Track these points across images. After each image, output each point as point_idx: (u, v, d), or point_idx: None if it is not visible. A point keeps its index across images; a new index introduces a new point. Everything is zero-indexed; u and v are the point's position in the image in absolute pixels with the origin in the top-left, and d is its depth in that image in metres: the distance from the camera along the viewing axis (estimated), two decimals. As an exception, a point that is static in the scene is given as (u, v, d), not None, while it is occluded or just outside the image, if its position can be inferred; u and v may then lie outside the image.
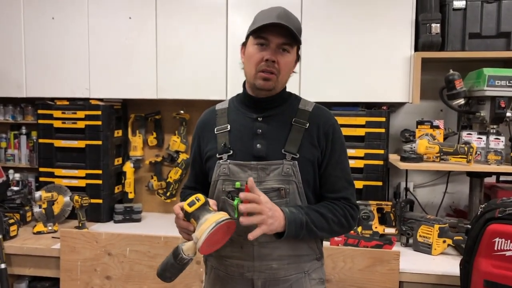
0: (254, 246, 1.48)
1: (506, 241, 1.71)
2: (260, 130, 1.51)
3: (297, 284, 1.52)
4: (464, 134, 2.48)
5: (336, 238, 2.32)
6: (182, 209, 1.38)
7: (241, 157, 1.49)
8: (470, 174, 2.56)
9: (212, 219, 1.32)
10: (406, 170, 2.80)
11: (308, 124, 1.51)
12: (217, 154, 1.52)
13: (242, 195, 1.33)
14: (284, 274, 1.50)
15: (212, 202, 1.42)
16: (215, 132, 1.56)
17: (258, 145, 1.49)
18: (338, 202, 1.51)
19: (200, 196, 1.37)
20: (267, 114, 1.53)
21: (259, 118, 1.53)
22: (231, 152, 1.50)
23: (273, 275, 1.49)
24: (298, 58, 1.54)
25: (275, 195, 1.46)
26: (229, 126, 1.55)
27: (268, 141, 1.50)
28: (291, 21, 1.44)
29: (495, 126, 2.41)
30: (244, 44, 1.53)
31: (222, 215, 1.34)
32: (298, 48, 1.52)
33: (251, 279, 1.50)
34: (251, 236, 1.31)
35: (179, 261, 1.36)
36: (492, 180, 2.73)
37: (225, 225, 1.32)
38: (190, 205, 1.35)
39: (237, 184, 1.44)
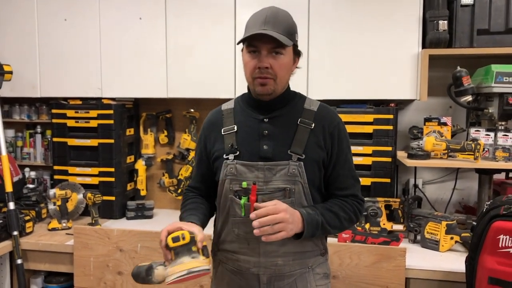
0: (260, 243, 1.50)
1: (510, 238, 1.72)
2: (267, 131, 1.54)
3: (301, 279, 1.56)
4: (472, 130, 2.47)
5: (343, 235, 2.34)
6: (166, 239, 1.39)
7: (248, 157, 1.52)
8: (478, 171, 2.55)
9: (188, 265, 1.34)
10: (415, 167, 2.81)
11: (313, 125, 1.54)
12: (224, 155, 1.55)
13: (253, 214, 1.35)
14: (289, 270, 1.54)
15: (199, 238, 1.39)
16: (222, 133, 1.58)
17: (264, 146, 1.52)
18: (347, 199, 1.56)
19: (187, 234, 1.37)
20: (273, 115, 1.56)
21: (265, 119, 1.55)
22: (238, 152, 1.53)
23: (278, 271, 1.53)
24: (298, 53, 1.56)
25: (281, 195, 1.49)
26: (236, 127, 1.57)
27: (275, 142, 1.53)
28: (279, 23, 1.45)
29: (503, 123, 2.40)
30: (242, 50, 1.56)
31: (198, 264, 1.35)
32: (296, 45, 1.53)
33: (257, 275, 1.54)
34: (265, 239, 1.35)
35: (148, 280, 1.43)
36: (501, 176, 2.72)
37: (196, 276, 1.36)
38: (174, 240, 1.36)
39: (244, 183, 1.49)
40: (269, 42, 1.44)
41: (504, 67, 2.33)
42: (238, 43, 1.50)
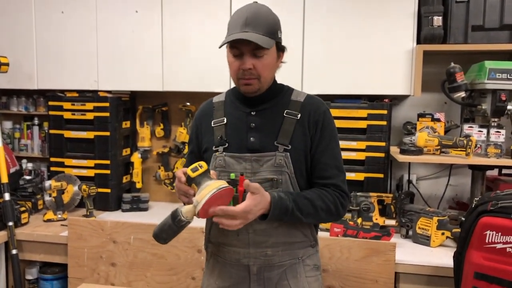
0: (249, 234, 1.54)
1: (497, 234, 1.73)
2: (254, 124, 1.56)
3: (291, 269, 1.58)
4: (465, 127, 2.48)
5: (335, 229, 2.36)
6: (185, 174, 1.42)
7: (236, 149, 1.55)
8: (471, 167, 2.56)
9: (214, 185, 1.37)
10: (409, 162, 2.82)
11: (299, 115, 1.56)
12: (214, 147, 1.57)
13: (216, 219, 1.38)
14: (278, 260, 1.56)
15: (212, 172, 1.46)
16: (212, 125, 1.61)
17: (251, 138, 1.55)
18: (329, 189, 1.55)
19: (203, 163, 1.41)
20: (260, 108, 1.58)
21: (252, 112, 1.58)
22: (227, 145, 1.56)
23: (268, 261, 1.56)
24: (282, 49, 1.57)
25: (269, 185, 1.52)
26: (225, 119, 1.60)
27: (261, 134, 1.55)
28: (260, 23, 1.46)
29: (496, 119, 2.40)
30: None
31: (223, 183, 1.39)
32: (279, 42, 1.54)
33: (247, 265, 1.57)
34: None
35: (176, 223, 1.40)
36: (494, 173, 2.73)
37: (224, 191, 1.37)
38: (193, 170, 1.39)
39: (232, 175, 1.50)
40: (250, 44, 1.45)
41: (497, 64, 2.33)
42: (220, 47, 1.50)
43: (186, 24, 2.78)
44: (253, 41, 1.42)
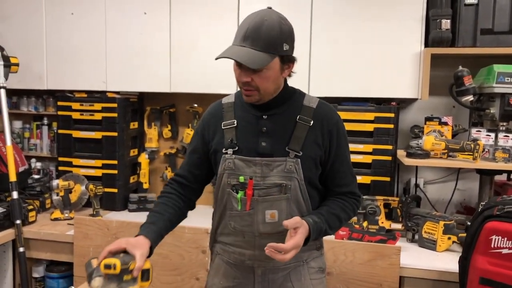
0: (255, 236, 1.54)
1: (502, 239, 1.71)
2: (265, 128, 1.54)
3: (295, 272, 1.58)
4: (473, 131, 2.46)
5: (340, 232, 2.35)
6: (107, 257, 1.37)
7: (246, 153, 1.54)
8: (479, 171, 2.54)
9: None
10: (416, 166, 2.80)
11: (312, 122, 1.54)
12: (224, 149, 1.56)
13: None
14: (283, 263, 1.54)
15: (137, 265, 1.34)
16: (222, 127, 1.58)
17: (263, 143, 1.53)
18: (346, 198, 1.60)
19: (118, 265, 1.33)
20: (272, 112, 1.55)
21: (264, 116, 1.55)
22: (237, 148, 1.54)
23: (273, 264, 1.56)
24: (291, 60, 1.51)
25: (277, 190, 1.51)
26: (235, 122, 1.58)
27: (273, 139, 1.53)
28: (260, 38, 1.40)
29: (504, 124, 2.38)
30: None
31: None
32: (283, 55, 1.46)
33: (252, 267, 1.57)
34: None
35: (88, 282, 1.39)
36: (503, 178, 2.70)
37: None
38: (105, 267, 1.34)
39: (241, 178, 1.52)
40: None
41: (506, 67, 2.31)
42: (216, 59, 1.45)
43: (194, 26, 2.79)
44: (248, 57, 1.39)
